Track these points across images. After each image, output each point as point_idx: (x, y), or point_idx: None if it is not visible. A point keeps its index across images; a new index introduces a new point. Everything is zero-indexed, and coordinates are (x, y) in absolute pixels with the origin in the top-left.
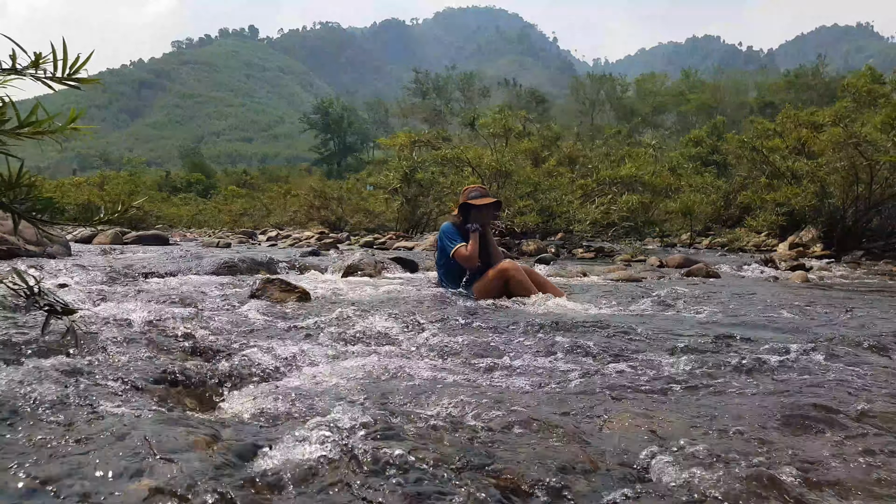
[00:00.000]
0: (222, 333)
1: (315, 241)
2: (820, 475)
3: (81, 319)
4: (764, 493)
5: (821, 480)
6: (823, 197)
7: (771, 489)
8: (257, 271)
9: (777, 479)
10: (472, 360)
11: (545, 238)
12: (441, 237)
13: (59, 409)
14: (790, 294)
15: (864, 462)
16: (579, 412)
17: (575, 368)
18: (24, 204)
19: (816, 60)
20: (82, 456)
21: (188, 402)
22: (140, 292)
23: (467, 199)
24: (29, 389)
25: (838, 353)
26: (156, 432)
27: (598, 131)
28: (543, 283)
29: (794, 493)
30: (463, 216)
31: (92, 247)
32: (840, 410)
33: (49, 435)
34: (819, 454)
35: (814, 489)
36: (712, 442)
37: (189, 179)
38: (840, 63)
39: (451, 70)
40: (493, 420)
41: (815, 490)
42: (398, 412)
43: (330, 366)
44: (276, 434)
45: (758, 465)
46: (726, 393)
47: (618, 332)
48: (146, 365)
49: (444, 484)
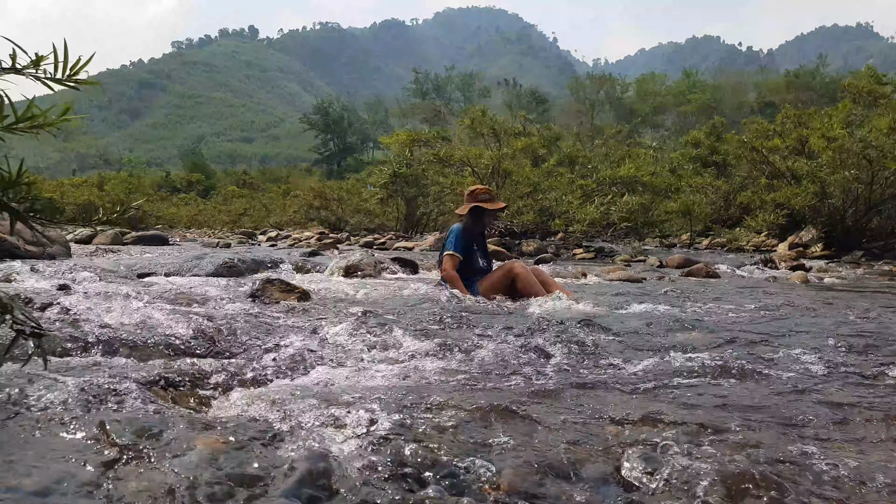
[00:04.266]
0: (222, 334)
1: (315, 241)
2: (820, 475)
3: (57, 336)
4: (761, 492)
5: (821, 481)
6: (823, 197)
7: (768, 489)
8: (257, 271)
9: (775, 478)
10: (473, 359)
11: (545, 238)
12: (448, 237)
13: (57, 410)
14: (790, 294)
15: (864, 462)
16: (579, 412)
17: (575, 369)
18: (23, 203)
19: (816, 60)
20: (80, 456)
21: (187, 402)
22: (140, 293)
23: (477, 202)
24: (27, 390)
25: (838, 353)
26: (155, 432)
27: (598, 132)
28: (550, 283)
29: (794, 493)
30: (473, 218)
31: (92, 247)
32: (840, 410)
33: (47, 436)
34: (819, 454)
35: (814, 490)
36: (713, 442)
37: (189, 180)
38: (840, 63)
39: (451, 70)
40: (494, 420)
41: (816, 491)
42: (398, 412)
43: (330, 366)
44: (275, 434)
45: (755, 464)
46: (727, 393)
47: (617, 333)
48: (145, 365)
49: (443, 484)
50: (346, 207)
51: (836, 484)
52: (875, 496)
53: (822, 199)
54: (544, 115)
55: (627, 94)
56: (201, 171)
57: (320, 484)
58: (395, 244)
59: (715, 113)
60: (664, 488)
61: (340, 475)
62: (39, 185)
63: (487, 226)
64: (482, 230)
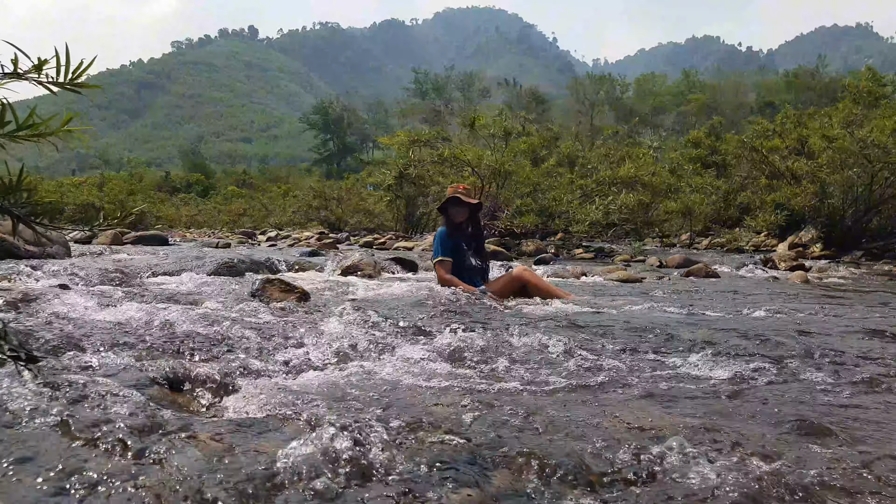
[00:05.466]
0: (222, 334)
1: (315, 241)
2: (820, 475)
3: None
4: (762, 492)
5: (824, 481)
6: (823, 197)
7: (771, 491)
8: (257, 271)
9: (777, 480)
10: (472, 359)
11: (544, 238)
12: (434, 244)
13: (57, 411)
14: (789, 294)
15: (865, 462)
16: (580, 411)
17: (574, 369)
18: (25, 208)
19: (816, 61)
20: (79, 457)
21: (187, 402)
22: (139, 293)
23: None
24: (26, 390)
25: (838, 353)
26: (153, 432)
27: (598, 132)
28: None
29: (794, 494)
30: (445, 218)
31: (91, 247)
32: (839, 411)
33: (47, 437)
34: (819, 454)
35: (816, 490)
36: (713, 442)
37: (189, 180)
38: (840, 63)
39: (451, 70)
40: (494, 420)
41: (818, 491)
42: (398, 412)
43: (330, 366)
44: (274, 434)
45: (757, 466)
46: (726, 393)
47: (617, 333)
48: (144, 365)
49: (443, 484)
50: (345, 207)
51: (837, 484)
52: (877, 496)
53: (822, 199)
54: (544, 116)
55: (627, 94)
56: (201, 171)
57: (320, 484)
58: (394, 244)
59: (714, 113)
60: (665, 488)
61: (340, 475)
62: (39, 186)
63: (462, 222)
64: (462, 228)
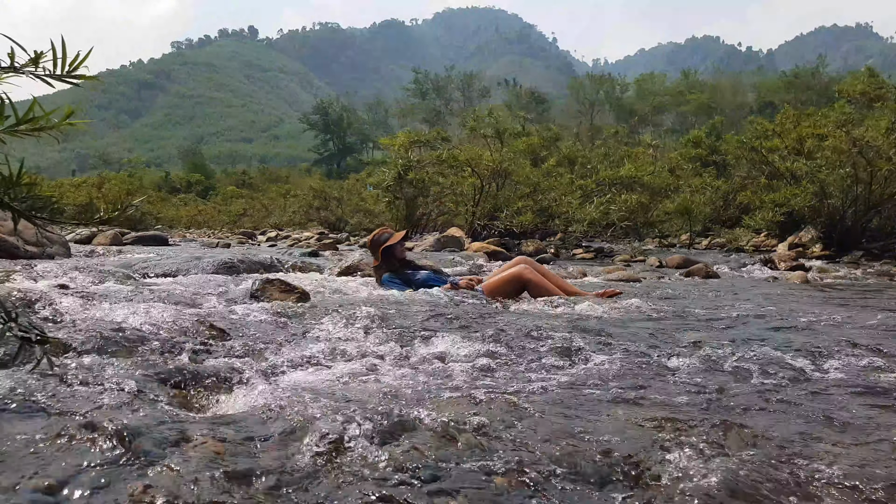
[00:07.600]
0: (222, 334)
1: (315, 241)
2: (820, 476)
3: (58, 342)
4: (763, 493)
5: (821, 482)
6: (823, 197)
7: (773, 489)
8: (257, 271)
9: (780, 479)
10: (471, 359)
11: (544, 238)
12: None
13: (57, 411)
14: (789, 294)
15: (865, 462)
16: (580, 411)
17: (573, 368)
18: (24, 202)
19: (816, 61)
20: (80, 457)
21: (187, 402)
22: (139, 293)
23: (382, 244)
24: (25, 391)
25: (838, 353)
26: (154, 432)
27: (598, 132)
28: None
29: (795, 494)
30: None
31: (91, 247)
32: (841, 410)
33: (47, 437)
34: (819, 453)
35: (817, 490)
36: (714, 442)
37: (189, 180)
38: (840, 63)
39: (451, 70)
40: (494, 420)
41: (819, 491)
42: (398, 412)
43: (330, 366)
44: (274, 434)
45: (758, 465)
46: (726, 393)
47: (616, 333)
48: (144, 365)
49: (442, 484)
50: (345, 207)
51: (836, 484)
52: (877, 496)
53: (822, 199)
54: (544, 115)
55: (627, 94)
56: (201, 171)
57: (320, 484)
58: None
59: (714, 113)
60: (665, 489)
61: (339, 475)
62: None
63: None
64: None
